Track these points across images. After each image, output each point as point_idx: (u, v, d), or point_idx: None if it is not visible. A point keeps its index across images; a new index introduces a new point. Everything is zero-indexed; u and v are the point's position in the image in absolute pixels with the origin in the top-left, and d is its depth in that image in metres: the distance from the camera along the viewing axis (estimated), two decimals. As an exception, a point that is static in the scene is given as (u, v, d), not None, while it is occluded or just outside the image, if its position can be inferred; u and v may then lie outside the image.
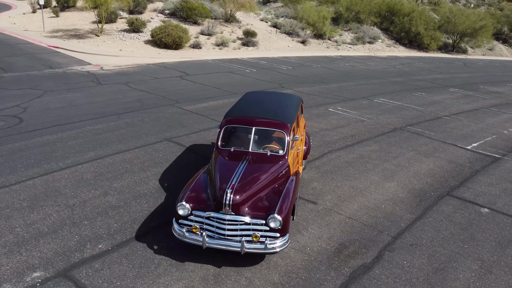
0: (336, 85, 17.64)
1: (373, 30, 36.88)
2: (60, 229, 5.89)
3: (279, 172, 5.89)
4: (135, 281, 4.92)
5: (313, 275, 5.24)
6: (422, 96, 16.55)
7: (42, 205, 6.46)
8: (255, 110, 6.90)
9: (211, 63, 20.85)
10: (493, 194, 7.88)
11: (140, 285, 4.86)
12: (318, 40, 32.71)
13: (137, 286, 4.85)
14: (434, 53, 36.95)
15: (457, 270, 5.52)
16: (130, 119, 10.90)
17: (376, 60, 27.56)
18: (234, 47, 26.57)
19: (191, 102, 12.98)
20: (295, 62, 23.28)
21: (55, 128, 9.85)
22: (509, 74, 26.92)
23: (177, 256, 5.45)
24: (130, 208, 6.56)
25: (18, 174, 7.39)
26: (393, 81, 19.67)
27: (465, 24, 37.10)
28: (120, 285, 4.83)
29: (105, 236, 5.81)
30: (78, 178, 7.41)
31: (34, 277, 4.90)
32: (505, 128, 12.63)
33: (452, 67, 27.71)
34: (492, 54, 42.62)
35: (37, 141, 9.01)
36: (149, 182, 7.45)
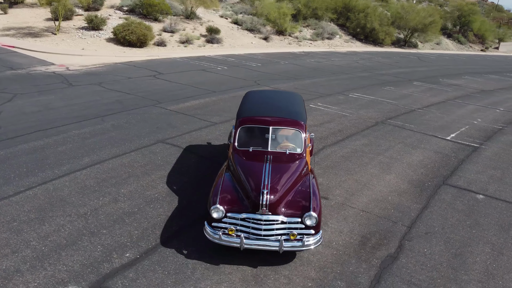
0: (309, 81, 17.97)
1: (331, 26, 37.83)
2: (79, 240, 5.64)
3: (301, 170, 5.98)
4: None
5: (346, 268, 5.39)
6: (391, 90, 17.28)
7: (52, 216, 6.14)
8: (267, 109, 6.93)
9: (180, 61, 20.50)
10: (482, 181, 8.45)
11: (183, 291, 4.79)
12: (279, 36, 33.06)
13: (180, 292, 4.77)
14: (389, 47, 38.54)
15: (473, 254, 5.90)
16: (115, 121, 10.54)
17: (338, 56, 28.34)
18: (199, 44, 26.26)
19: (173, 101, 12.74)
20: (262, 59, 23.42)
21: (38, 134, 9.32)
22: (460, 67, 28.69)
23: (210, 259, 5.41)
24: (146, 213, 6.39)
25: (13, 185, 6.95)
26: (361, 76, 20.35)
27: (415, 20, 39.02)
28: (163, 293, 4.73)
29: (129, 244, 5.63)
30: (81, 186, 7.09)
31: (69, 292, 4.68)
32: (474, 119, 13.52)
33: (409, 61, 29.09)
34: (439, 48, 45.17)
35: (23, 148, 8.49)
36: (157, 186, 7.27)
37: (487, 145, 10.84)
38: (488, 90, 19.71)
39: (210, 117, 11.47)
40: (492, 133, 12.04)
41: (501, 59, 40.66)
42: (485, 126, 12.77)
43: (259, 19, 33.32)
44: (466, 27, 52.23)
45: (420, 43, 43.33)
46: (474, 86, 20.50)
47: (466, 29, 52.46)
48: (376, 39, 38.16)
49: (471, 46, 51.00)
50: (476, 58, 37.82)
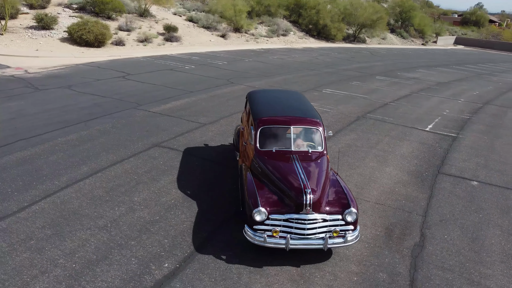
0: (279, 78, 18.16)
1: (284, 23, 38.36)
2: (109, 253, 5.37)
3: (327, 167, 6.10)
4: None
5: (382, 260, 5.59)
6: (359, 85, 17.91)
7: (70, 230, 5.78)
8: (283, 109, 6.97)
9: (144, 61, 19.87)
10: (471, 168, 9.06)
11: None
12: (236, 33, 33.00)
13: (236, 299, 4.70)
14: (340, 43, 39.79)
15: (487, 237, 6.34)
16: (100, 126, 10.06)
17: (297, 52, 28.83)
18: (158, 43, 25.57)
19: (153, 103, 12.36)
20: (226, 57, 23.29)
21: (21, 143, 8.68)
22: (411, 61, 30.28)
23: (251, 262, 5.37)
24: (169, 221, 6.20)
25: (14, 200, 6.45)
26: (327, 72, 20.89)
27: (363, 16, 40.58)
28: (219, 301, 4.65)
29: (164, 253, 5.45)
30: (90, 196, 6.73)
31: (122, 309, 4.46)
32: (443, 110, 14.40)
33: (363, 57, 30.24)
34: (385, 43, 47.32)
35: (10, 159, 7.88)
36: (170, 192, 7.07)
37: (463, 134, 11.60)
38: (444, 82, 21.02)
39: (197, 118, 11.27)
40: (462, 123, 12.90)
41: (441, 52, 43.40)
42: (454, 116, 13.65)
43: (214, 16, 33.03)
44: (407, 22, 55.15)
45: (367, 38, 45.13)
46: (431, 79, 21.76)
47: (407, 24, 55.41)
48: (328, 35, 39.23)
49: (412, 40, 53.96)
50: (420, 52, 40.09)
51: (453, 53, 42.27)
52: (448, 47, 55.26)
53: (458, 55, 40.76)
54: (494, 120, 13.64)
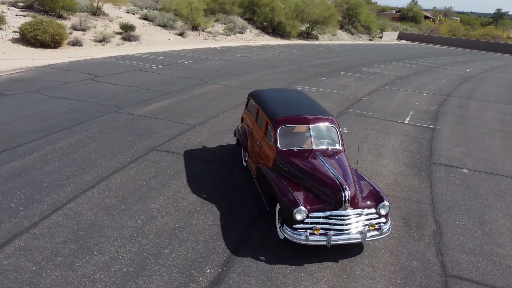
0: (251, 76, 18.22)
1: (240, 20, 38.38)
2: (146, 264, 5.20)
3: (348, 163, 6.28)
4: None
5: (410, 249, 5.87)
6: (329, 81, 18.41)
7: (96, 243, 5.52)
8: (296, 108, 7.06)
9: (107, 61, 19.10)
10: (457, 157, 9.68)
11: (292, 297, 4.78)
12: (194, 32, 32.57)
13: (292, 298, 4.75)
14: (295, 40, 40.52)
15: (493, 220, 6.84)
16: (87, 132, 9.61)
17: (258, 50, 29.00)
18: (117, 42, 24.66)
19: (134, 106, 11.97)
20: (190, 56, 22.95)
21: (7, 154, 8.10)
22: (366, 56, 31.50)
23: (291, 260, 5.43)
24: (195, 226, 6.10)
25: (23, 215, 6.03)
26: (293, 69, 21.23)
27: (316, 13, 41.59)
28: (277, 302, 4.67)
29: (201, 259, 5.37)
30: (104, 206, 6.44)
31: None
32: (413, 103, 15.18)
33: (321, 53, 31.02)
34: (336, 39, 48.79)
35: (1, 172, 7.33)
36: (185, 197, 6.93)
37: (439, 125, 12.33)
38: (403, 76, 22.11)
39: (184, 119, 11.07)
40: (434, 114, 13.69)
41: (389, 47, 45.49)
42: (425, 109, 14.44)
43: (169, 14, 32.35)
44: (354, 19, 57.25)
45: (319, 35, 46.30)
46: (390, 73, 22.80)
47: (354, 20, 57.53)
48: (283, 32, 39.79)
49: (360, 36, 56.09)
50: (371, 47, 41.79)
51: (400, 48, 44.46)
52: (392, 42, 58.02)
53: (405, 49, 42.95)
54: (461, 111, 14.59)
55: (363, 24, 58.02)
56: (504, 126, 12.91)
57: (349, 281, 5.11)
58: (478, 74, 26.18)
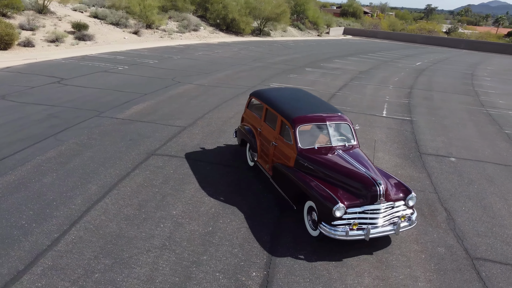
0: (220, 74, 18.09)
1: (193, 17, 37.84)
2: (190, 273, 5.09)
3: (368, 158, 6.51)
4: None
5: (431, 236, 6.21)
6: (297, 77, 18.73)
7: (130, 255, 5.31)
8: (309, 107, 7.17)
9: (66, 63, 18.11)
10: (441, 146, 10.30)
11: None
12: (148, 30, 31.67)
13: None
14: (249, 37, 40.64)
15: (492, 204, 7.40)
16: (75, 139, 9.12)
17: (217, 47, 28.79)
18: (71, 43, 23.40)
19: (114, 109, 11.51)
20: (152, 55, 22.32)
21: (-4, 167, 7.51)
22: (321, 52, 32.32)
23: (329, 256, 5.55)
24: (224, 230, 6.04)
25: (39, 232, 5.66)
26: (259, 66, 21.35)
27: (268, 10, 41.95)
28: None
29: (243, 263, 5.35)
30: (123, 217, 6.20)
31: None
32: (383, 97, 15.87)
33: (279, 49, 31.41)
34: (287, 35, 49.56)
35: (-4, 187, 6.80)
36: (203, 201, 6.83)
37: (415, 117, 13.02)
38: (364, 71, 22.98)
39: (172, 121, 10.83)
40: (407, 107, 14.42)
41: (338, 42, 46.95)
42: (396, 102, 15.16)
43: (121, 12, 31.19)
44: (302, 15, 58.42)
45: (271, 31, 46.78)
46: (351, 68, 23.61)
47: (302, 17, 58.71)
48: (237, 29, 39.75)
49: (309, 32, 57.38)
50: (322, 43, 42.91)
51: (349, 43, 46.04)
52: (339, 37, 59.94)
53: (354, 44, 44.56)
54: (429, 103, 15.48)
55: (311, 20, 59.39)
56: (471, 116, 13.90)
57: (389, 272, 5.33)
58: (428, 67, 27.82)
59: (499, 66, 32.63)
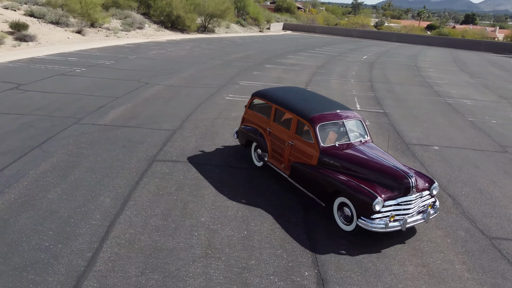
0: (185, 74, 17.75)
1: (137, 15, 36.52)
2: (244, 279, 5.06)
3: (384, 152, 6.83)
4: (406, 283, 5.14)
5: (448, 221, 6.67)
6: (262, 75, 18.89)
7: (177, 268, 5.16)
8: (323, 105, 7.35)
9: (16, 66, 16.74)
10: (421, 137, 10.99)
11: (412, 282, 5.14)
12: (92, 29, 30.06)
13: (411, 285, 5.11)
14: (195, 34, 40.06)
15: (485, 186, 8.08)
16: (63, 149, 8.56)
17: (168, 46, 28.09)
18: (13, 44, 21.58)
19: (92, 115, 10.91)
20: (105, 55, 21.27)
21: (-12, 186, 6.87)
22: (272, 48, 32.70)
23: (368, 249, 5.77)
24: (259, 232, 6.05)
25: (69, 253, 5.30)
26: (219, 64, 21.20)
27: (212, 7, 41.60)
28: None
29: (291, 263, 5.41)
30: (152, 228, 5.98)
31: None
32: (350, 90, 16.51)
33: (229, 46, 31.33)
34: (230, 32, 49.48)
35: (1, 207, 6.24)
36: (227, 205, 6.76)
37: (387, 110, 13.72)
38: (321, 66, 23.68)
39: (158, 125, 10.50)
40: (375, 100, 15.14)
41: (282, 38, 47.76)
42: (364, 95, 15.85)
43: (60, 10, 29.29)
44: (242, 11, 58.60)
45: (215, 28, 46.45)
46: (308, 64, 24.21)
47: (243, 13, 58.90)
48: (183, 26, 39.00)
49: (251, 28, 57.72)
50: (267, 39, 43.38)
51: (293, 39, 47.00)
52: (280, 33, 60.98)
53: (298, 40, 45.56)
54: (393, 95, 16.35)
55: (252, 16, 59.76)
56: (434, 106, 14.92)
57: (426, 258, 5.66)
58: (375, 60, 29.28)
59: (434, 58, 35.18)
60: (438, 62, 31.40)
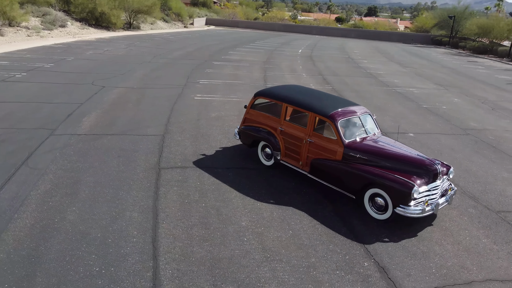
0: (138, 74, 17.01)
1: (57, 12, 33.77)
2: (315, 277, 5.19)
3: (396, 142, 7.35)
4: (453, 261, 5.61)
5: (455, 201, 7.38)
6: (216, 72, 18.75)
7: (246, 276, 5.13)
8: (336, 102, 7.65)
9: None
10: (392, 125, 11.82)
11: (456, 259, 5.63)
12: (10, 28, 27.24)
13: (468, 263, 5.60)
14: (121, 31, 38.21)
15: (469, 167, 9.01)
16: (53, 165, 7.87)
17: (101, 45, 26.51)
18: None
19: (64, 125, 10.10)
20: (38, 58, 19.48)
21: None
22: (207, 44, 32.38)
23: (405, 235, 6.18)
24: (304, 230, 6.18)
25: (128, 276, 5.01)
26: (166, 63, 20.59)
27: (137, 2, 39.91)
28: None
29: (347, 256, 5.63)
30: (198, 239, 5.83)
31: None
32: (308, 84, 17.06)
33: (164, 44, 30.44)
34: (156, 28, 47.93)
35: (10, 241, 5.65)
36: (258, 207, 6.78)
37: (351, 101, 14.44)
38: (265, 61, 24.03)
39: (142, 130, 10.06)
40: (336, 93, 15.84)
41: (210, 33, 47.29)
42: (324, 88, 16.50)
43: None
44: (165, 6, 56.94)
45: (140, 25, 44.66)
46: (253, 59, 24.43)
47: (165, 8, 57.26)
48: (108, 23, 36.94)
49: (175, 23, 56.42)
50: (197, 35, 42.77)
51: (221, 34, 46.81)
52: (205, 28, 60.44)
53: (227, 35, 45.51)
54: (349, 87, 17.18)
55: (174, 11, 58.37)
56: (389, 95, 16.05)
57: (457, 236, 6.25)
58: (311, 53, 30.44)
59: (361, 50, 37.50)
60: (367, 54, 33.59)
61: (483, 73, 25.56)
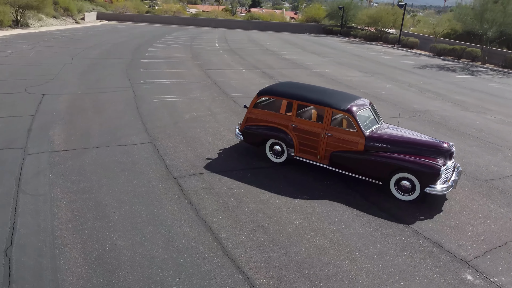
0: (72, 79, 15.51)
1: None
2: (391, 265, 5.62)
3: (400, 129, 8.12)
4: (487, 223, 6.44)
5: (450, 176, 8.43)
6: (153, 71, 17.91)
7: (327, 275, 5.39)
8: (345, 96, 8.10)
9: None
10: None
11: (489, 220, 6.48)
12: None
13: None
14: (10, 30, 33.92)
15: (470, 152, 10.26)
16: (54, 188, 7.00)
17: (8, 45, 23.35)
18: None
19: (34, 143, 8.95)
20: None
21: (25, 253, 5.41)
22: (119, 41, 30.44)
23: (431, 212, 6.96)
24: (351, 221, 6.53)
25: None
26: (92, 64, 19.05)
27: (24, -3, 35.70)
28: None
29: (403, 238, 6.17)
30: (269, 244, 5.83)
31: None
32: (254, 79, 17.28)
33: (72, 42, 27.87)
34: (46, 25, 43.36)
35: (79, 273, 5.10)
36: (298, 204, 6.95)
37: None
38: (195, 57, 23.55)
39: (125, 140, 9.40)
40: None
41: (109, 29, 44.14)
42: (269, 82, 16.87)
43: None
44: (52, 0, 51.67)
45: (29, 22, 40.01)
46: (181, 56, 23.70)
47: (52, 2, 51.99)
48: (-7, 21, 32.41)
49: (65, 19, 51.58)
50: (97, 31, 39.78)
51: (122, 29, 44.05)
52: (98, 23, 56.39)
53: (129, 30, 42.98)
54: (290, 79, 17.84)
55: (62, 6, 53.33)
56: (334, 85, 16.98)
57: (472, 206, 7.19)
58: (230, 47, 30.51)
59: (272, 42, 38.63)
60: (280, 45, 34.82)
61: (388, 59, 28.50)
